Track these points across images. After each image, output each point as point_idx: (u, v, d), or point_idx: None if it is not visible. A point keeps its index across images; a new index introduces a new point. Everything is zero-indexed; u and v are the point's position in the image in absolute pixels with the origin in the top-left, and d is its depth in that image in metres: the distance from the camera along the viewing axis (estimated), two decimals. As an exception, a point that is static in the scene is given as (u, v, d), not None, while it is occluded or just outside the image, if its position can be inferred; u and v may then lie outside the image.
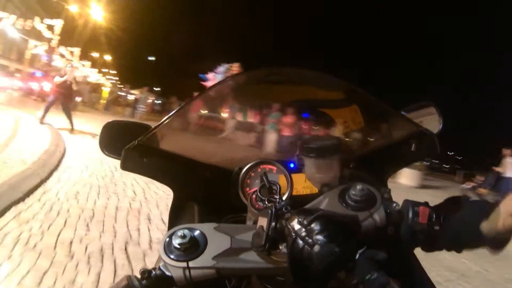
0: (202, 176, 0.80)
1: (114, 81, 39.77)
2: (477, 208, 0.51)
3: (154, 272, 0.48)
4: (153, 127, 0.69)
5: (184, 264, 0.48)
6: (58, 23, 18.86)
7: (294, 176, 0.79)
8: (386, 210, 0.53)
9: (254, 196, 0.62)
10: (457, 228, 0.52)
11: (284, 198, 0.72)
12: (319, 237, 0.41)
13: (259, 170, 0.79)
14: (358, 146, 0.97)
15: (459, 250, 0.54)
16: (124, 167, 0.68)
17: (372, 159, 0.82)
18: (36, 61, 21.78)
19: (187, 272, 0.47)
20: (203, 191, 0.78)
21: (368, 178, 0.66)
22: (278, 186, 0.60)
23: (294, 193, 0.78)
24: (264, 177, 0.62)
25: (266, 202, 0.55)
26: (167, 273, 0.48)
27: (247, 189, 0.77)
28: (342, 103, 0.98)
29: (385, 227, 0.53)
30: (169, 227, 0.67)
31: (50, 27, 18.63)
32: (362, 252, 0.43)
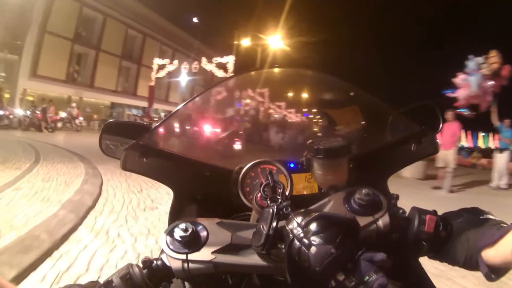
0: (202, 176, 0.80)
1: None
2: (487, 230, 0.48)
3: (155, 263, 0.49)
4: (153, 127, 0.70)
5: (183, 256, 0.48)
6: (230, 60, 17.01)
7: (294, 176, 0.79)
8: (391, 216, 0.53)
9: (259, 194, 0.62)
10: (461, 244, 0.49)
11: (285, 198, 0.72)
12: (316, 238, 0.41)
13: (259, 170, 0.79)
14: (358, 146, 0.97)
15: (460, 267, 0.51)
16: (124, 167, 0.68)
17: (372, 159, 0.82)
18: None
19: (185, 264, 0.48)
20: (203, 191, 0.79)
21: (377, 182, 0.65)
22: (282, 185, 0.59)
23: (294, 193, 0.78)
24: (269, 176, 0.61)
25: (269, 201, 0.55)
26: (167, 264, 0.49)
27: (247, 188, 0.77)
28: (343, 104, 0.98)
29: (389, 233, 0.52)
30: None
31: (222, 65, 16.85)
32: (361, 253, 0.43)
